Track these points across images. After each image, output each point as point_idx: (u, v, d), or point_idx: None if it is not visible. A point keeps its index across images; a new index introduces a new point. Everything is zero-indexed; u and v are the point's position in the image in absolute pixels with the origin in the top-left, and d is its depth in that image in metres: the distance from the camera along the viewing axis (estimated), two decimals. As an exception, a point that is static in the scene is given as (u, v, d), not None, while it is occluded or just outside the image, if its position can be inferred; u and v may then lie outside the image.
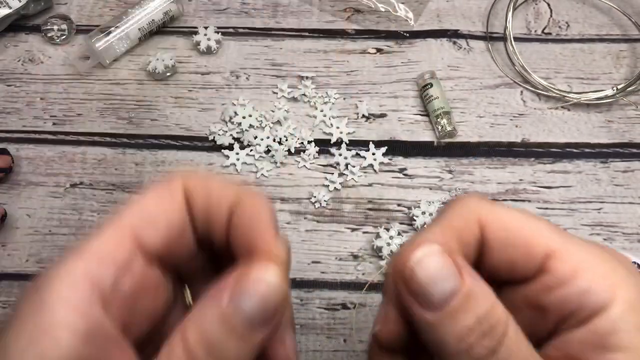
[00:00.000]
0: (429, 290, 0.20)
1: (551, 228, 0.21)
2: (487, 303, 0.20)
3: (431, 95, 0.46)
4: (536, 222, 0.22)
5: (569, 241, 0.21)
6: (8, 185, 0.44)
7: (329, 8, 0.52)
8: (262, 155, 0.45)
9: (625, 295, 0.20)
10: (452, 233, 0.22)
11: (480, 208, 0.22)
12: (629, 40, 0.50)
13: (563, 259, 0.20)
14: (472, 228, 0.22)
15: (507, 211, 0.22)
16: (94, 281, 0.18)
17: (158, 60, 0.47)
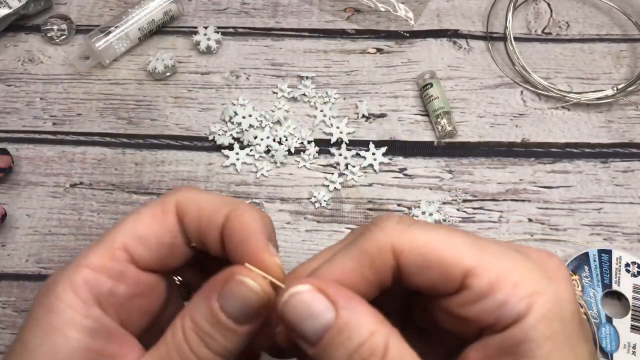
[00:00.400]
0: (300, 328, 0.21)
1: (467, 243, 0.22)
2: (363, 333, 0.20)
3: (431, 95, 0.46)
4: (452, 240, 0.22)
5: (486, 255, 0.21)
6: (8, 185, 0.44)
7: (329, 8, 0.52)
8: (262, 155, 0.45)
9: (541, 305, 0.20)
10: (362, 260, 0.22)
11: (394, 234, 0.22)
12: (629, 40, 0.50)
13: (480, 275, 0.21)
14: (386, 256, 0.22)
15: (422, 233, 0.22)
16: (91, 289, 0.22)
17: (158, 60, 0.47)
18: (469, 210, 0.44)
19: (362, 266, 0.22)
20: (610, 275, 0.40)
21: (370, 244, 0.22)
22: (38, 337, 0.21)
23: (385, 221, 0.22)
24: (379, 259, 0.22)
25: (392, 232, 0.22)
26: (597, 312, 0.40)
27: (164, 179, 0.45)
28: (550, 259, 0.23)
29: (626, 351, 0.39)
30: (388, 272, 0.22)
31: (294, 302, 0.21)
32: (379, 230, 0.22)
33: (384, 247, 0.22)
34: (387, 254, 0.22)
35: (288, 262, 0.42)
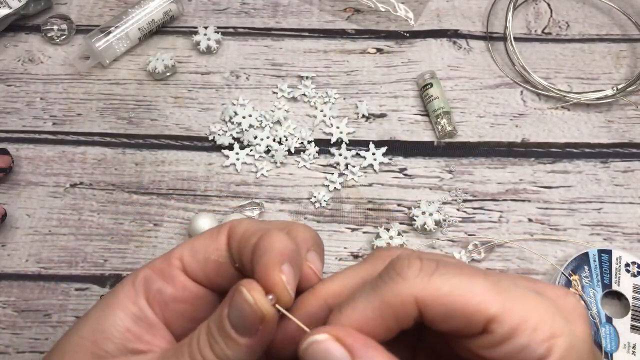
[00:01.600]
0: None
1: (489, 288, 0.22)
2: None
3: (431, 95, 0.46)
4: (474, 286, 0.22)
5: (508, 300, 0.22)
6: (8, 185, 0.44)
7: (329, 8, 0.52)
8: (262, 155, 0.45)
9: (559, 347, 0.21)
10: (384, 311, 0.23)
11: (417, 285, 0.22)
12: (629, 40, 0.50)
13: (503, 321, 0.21)
14: (408, 308, 0.22)
15: (444, 282, 0.22)
16: (145, 284, 0.26)
17: (158, 60, 0.47)
18: (469, 210, 0.44)
19: (384, 316, 0.23)
20: (610, 275, 0.40)
21: (393, 295, 0.22)
22: (96, 308, 0.26)
23: (407, 269, 0.23)
24: (401, 311, 0.22)
25: (414, 282, 0.22)
26: (597, 312, 0.40)
27: (164, 179, 0.45)
28: (566, 297, 0.23)
29: (626, 351, 0.39)
30: (410, 320, 0.23)
31: (312, 350, 0.22)
32: (402, 280, 0.22)
33: (407, 300, 0.22)
34: (410, 306, 0.22)
35: (288, 262, 0.42)
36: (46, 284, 0.41)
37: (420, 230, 0.42)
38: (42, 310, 0.40)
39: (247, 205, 0.44)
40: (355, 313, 0.23)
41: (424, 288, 0.22)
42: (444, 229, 0.43)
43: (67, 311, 0.40)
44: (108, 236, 0.43)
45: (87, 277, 0.42)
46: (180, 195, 0.44)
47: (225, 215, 0.43)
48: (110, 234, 0.43)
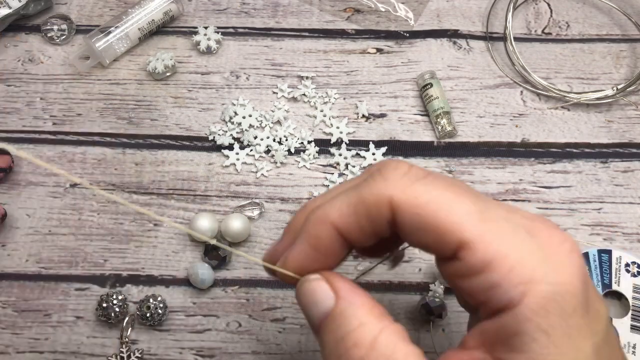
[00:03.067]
0: (307, 313, 0.23)
1: (472, 211, 0.20)
2: (352, 323, 0.21)
3: (431, 95, 0.46)
4: (456, 204, 0.20)
5: (489, 229, 0.20)
6: (8, 185, 0.44)
7: (329, 8, 0.52)
8: (262, 155, 0.45)
9: (536, 295, 0.19)
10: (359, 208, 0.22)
11: (396, 187, 0.21)
12: (629, 40, 0.50)
13: (475, 250, 0.20)
14: (382, 209, 0.22)
15: (425, 191, 0.21)
16: None
17: (158, 60, 0.47)
18: (469, 210, 0.44)
19: (358, 213, 0.22)
20: (610, 275, 0.40)
21: (370, 193, 0.22)
22: None
23: (392, 171, 0.22)
24: (374, 210, 0.22)
25: (394, 184, 0.21)
26: (597, 312, 0.40)
27: (164, 179, 0.45)
28: (562, 243, 0.21)
29: (626, 351, 0.39)
30: (384, 224, 0.22)
31: (303, 289, 0.23)
32: (382, 180, 0.22)
33: (381, 200, 0.21)
34: (383, 207, 0.21)
35: (288, 262, 0.42)
36: (46, 284, 0.41)
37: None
38: (42, 310, 0.41)
39: (247, 205, 0.44)
40: (331, 207, 0.23)
41: (402, 191, 0.21)
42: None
43: (67, 311, 0.40)
44: (108, 236, 0.43)
45: (87, 277, 0.42)
46: (180, 195, 0.44)
47: (225, 215, 0.43)
48: (110, 234, 0.43)
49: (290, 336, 0.40)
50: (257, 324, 0.40)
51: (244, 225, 0.42)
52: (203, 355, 0.39)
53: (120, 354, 0.39)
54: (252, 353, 0.39)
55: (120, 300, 0.39)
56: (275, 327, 0.40)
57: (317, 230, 0.23)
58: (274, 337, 0.40)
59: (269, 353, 0.39)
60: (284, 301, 0.41)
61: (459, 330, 0.40)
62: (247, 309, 0.41)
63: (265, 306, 0.41)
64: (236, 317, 0.40)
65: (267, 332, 0.40)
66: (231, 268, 0.42)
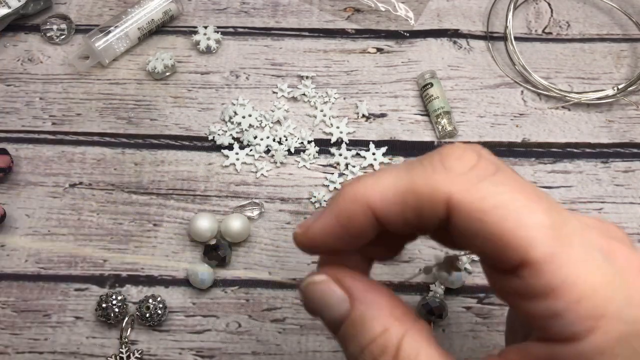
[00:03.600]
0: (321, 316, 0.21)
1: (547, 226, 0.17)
2: (376, 329, 0.19)
3: (431, 95, 0.46)
4: (528, 214, 0.17)
5: (563, 250, 0.17)
6: (7, 185, 0.44)
7: (329, 8, 0.51)
8: (262, 155, 0.45)
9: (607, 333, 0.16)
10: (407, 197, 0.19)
11: (459, 184, 0.18)
12: (629, 40, 0.50)
13: (541, 272, 0.17)
14: (436, 206, 0.18)
15: (493, 193, 0.17)
16: None
17: (157, 59, 0.47)
18: (469, 210, 0.44)
19: (406, 203, 0.19)
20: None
21: (425, 183, 0.18)
22: None
23: (456, 160, 0.18)
24: (427, 205, 0.18)
25: (455, 180, 0.18)
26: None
27: (163, 179, 0.45)
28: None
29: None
30: (434, 220, 0.19)
31: (310, 291, 0.21)
32: (443, 170, 0.18)
33: (437, 196, 0.18)
34: (439, 204, 0.18)
35: (288, 262, 0.42)
36: (45, 284, 0.41)
37: (421, 231, 0.42)
38: (41, 311, 0.40)
39: (247, 205, 0.44)
40: (374, 187, 0.19)
41: (467, 190, 0.17)
42: (444, 229, 0.43)
43: (66, 311, 0.40)
44: (108, 236, 0.43)
45: (86, 277, 0.41)
46: (180, 195, 0.44)
47: (225, 215, 0.43)
48: (110, 234, 0.43)
49: (290, 336, 0.40)
50: (257, 324, 0.40)
51: (243, 225, 0.41)
52: (203, 355, 0.39)
53: (120, 355, 0.39)
54: (252, 353, 0.39)
55: (119, 301, 0.39)
56: (275, 327, 0.40)
57: (351, 207, 0.20)
58: (273, 338, 0.40)
59: (269, 353, 0.39)
60: (284, 301, 0.41)
61: (459, 331, 0.40)
62: (247, 309, 0.41)
63: (265, 306, 0.41)
64: (236, 318, 0.40)
65: (267, 332, 0.40)
66: (231, 268, 0.42)
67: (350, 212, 0.20)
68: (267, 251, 0.42)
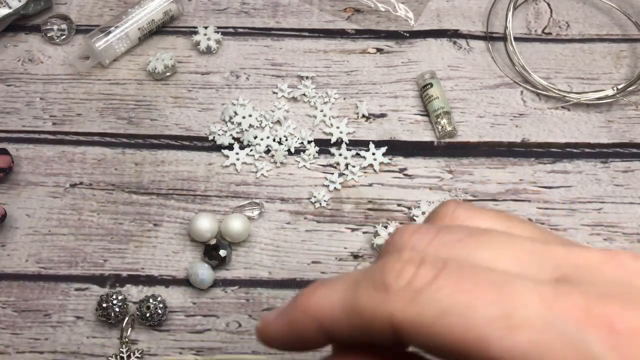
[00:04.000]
0: None
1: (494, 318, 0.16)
2: None
3: (431, 95, 0.46)
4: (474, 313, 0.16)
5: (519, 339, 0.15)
6: (8, 185, 0.44)
7: (329, 8, 0.52)
8: (262, 155, 0.45)
9: None
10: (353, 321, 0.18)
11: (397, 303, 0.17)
12: (629, 40, 0.50)
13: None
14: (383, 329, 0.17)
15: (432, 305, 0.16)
16: None
17: (158, 60, 0.47)
18: (469, 210, 0.44)
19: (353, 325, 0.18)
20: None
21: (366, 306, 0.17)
22: None
23: (394, 278, 0.17)
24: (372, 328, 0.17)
25: (395, 298, 0.17)
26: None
27: (163, 179, 0.45)
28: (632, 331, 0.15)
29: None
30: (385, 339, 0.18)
31: None
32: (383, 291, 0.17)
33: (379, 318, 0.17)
34: (383, 326, 0.17)
35: (288, 262, 0.42)
36: (46, 284, 0.41)
37: (420, 231, 0.42)
38: (42, 310, 0.40)
39: (247, 205, 0.44)
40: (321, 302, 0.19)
41: (404, 309, 0.16)
42: (444, 229, 0.43)
43: (67, 311, 0.40)
44: (108, 236, 0.43)
45: (87, 277, 0.42)
46: (180, 195, 0.44)
47: (225, 215, 0.43)
48: (110, 234, 0.43)
49: (290, 336, 0.40)
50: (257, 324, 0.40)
51: (244, 225, 0.42)
52: (203, 355, 0.39)
53: (120, 354, 0.39)
54: (252, 353, 0.39)
55: (120, 301, 0.39)
56: (275, 327, 0.40)
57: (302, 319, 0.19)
58: (274, 337, 0.40)
59: (269, 353, 0.39)
60: (284, 301, 0.41)
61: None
62: (247, 309, 0.41)
63: (265, 306, 0.41)
64: (236, 317, 0.40)
65: (267, 332, 0.40)
66: (231, 268, 0.42)
67: (301, 324, 0.19)
68: (267, 251, 0.42)
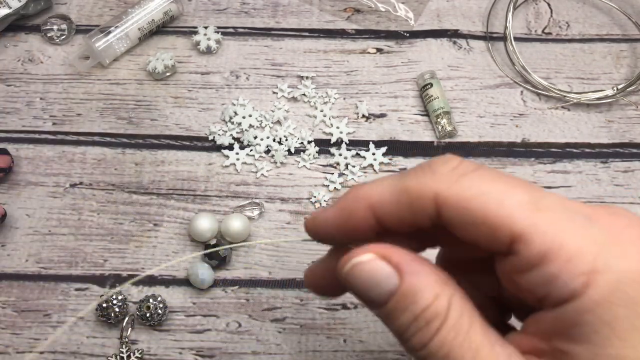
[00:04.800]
0: (366, 295, 0.21)
1: (524, 202, 0.19)
2: (428, 297, 0.20)
3: (431, 95, 0.46)
4: (507, 196, 0.19)
5: (543, 218, 0.19)
6: (8, 185, 0.44)
7: (329, 8, 0.52)
8: (262, 155, 0.45)
9: (601, 286, 0.18)
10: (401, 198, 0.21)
11: (442, 182, 0.20)
12: (629, 40, 0.50)
13: (530, 242, 0.19)
14: (425, 203, 0.21)
15: (473, 185, 0.20)
16: None
17: (158, 60, 0.47)
18: (469, 210, 0.44)
19: (400, 202, 0.21)
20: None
21: (415, 184, 0.21)
22: None
23: (440, 165, 0.21)
24: (417, 203, 0.21)
25: (440, 179, 0.20)
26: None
27: (164, 179, 0.45)
28: (627, 227, 0.19)
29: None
30: (426, 217, 0.21)
31: (357, 272, 0.21)
32: (430, 173, 0.21)
33: (425, 193, 0.20)
34: (427, 201, 0.20)
35: (288, 262, 0.42)
36: (46, 284, 0.41)
37: (420, 230, 0.42)
38: (42, 310, 0.40)
39: (247, 205, 0.44)
40: (374, 189, 0.22)
41: (449, 187, 0.20)
42: (444, 229, 0.43)
43: (67, 311, 0.40)
44: (108, 236, 0.43)
45: (87, 277, 0.42)
46: (180, 195, 0.44)
47: (225, 215, 0.43)
48: (110, 234, 0.43)
49: (290, 336, 0.40)
50: (257, 324, 0.40)
51: (244, 225, 0.42)
52: (203, 355, 0.39)
53: (120, 354, 0.39)
54: (252, 353, 0.39)
55: (120, 301, 0.39)
56: (275, 327, 0.40)
57: (353, 205, 0.22)
58: (274, 337, 0.40)
59: (269, 353, 0.39)
60: (284, 301, 0.41)
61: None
62: (247, 309, 0.41)
63: (265, 306, 0.41)
64: (236, 317, 0.40)
65: (267, 332, 0.40)
66: (231, 268, 0.42)
67: (352, 208, 0.22)
68: (267, 251, 0.42)
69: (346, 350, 0.39)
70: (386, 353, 0.39)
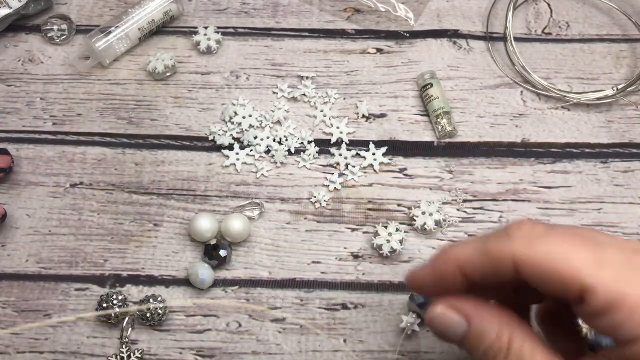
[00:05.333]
0: (446, 337, 0.27)
1: (589, 259, 0.23)
2: (491, 336, 0.25)
3: (431, 95, 0.46)
4: (572, 254, 0.23)
5: (606, 272, 0.23)
6: (8, 185, 0.44)
7: (329, 8, 0.52)
8: (262, 155, 0.45)
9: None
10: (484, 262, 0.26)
11: (519, 245, 0.25)
12: (629, 40, 0.50)
13: (597, 293, 0.23)
14: (506, 265, 0.25)
15: (544, 247, 0.24)
16: None
17: (158, 60, 0.47)
18: (469, 210, 0.44)
19: (483, 263, 0.26)
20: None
21: (495, 249, 0.25)
22: None
23: (515, 230, 0.25)
24: (499, 264, 0.25)
25: (517, 242, 0.25)
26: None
27: (164, 179, 0.45)
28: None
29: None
30: (507, 276, 0.25)
31: (435, 321, 0.27)
32: (507, 238, 0.25)
33: (505, 257, 0.25)
34: (506, 263, 0.25)
35: (288, 262, 0.42)
36: (46, 284, 0.41)
37: (420, 231, 0.42)
38: (42, 310, 0.41)
39: (247, 205, 0.44)
40: (460, 250, 0.27)
41: (525, 249, 0.24)
42: (444, 229, 0.43)
43: (67, 311, 0.40)
44: (108, 236, 0.43)
45: (87, 277, 0.42)
46: (180, 195, 0.44)
47: (225, 215, 0.43)
48: (110, 234, 0.43)
49: (290, 336, 0.40)
50: (257, 324, 0.40)
51: (244, 225, 0.42)
52: (203, 355, 0.39)
53: (120, 354, 0.39)
54: (252, 353, 0.39)
55: (120, 301, 0.39)
56: (275, 327, 0.40)
57: (444, 266, 0.27)
58: (274, 337, 0.40)
59: (269, 353, 0.39)
60: (284, 301, 0.41)
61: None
62: (247, 309, 0.41)
63: (265, 306, 0.41)
64: (236, 317, 0.40)
65: (267, 332, 0.40)
66: (231, 268, 0.42)
67: (443, 269, 0.27)
68: (267, 251, 0.42)
69: (346, 350, 0.39)
70: (386, 353, 0.39)
